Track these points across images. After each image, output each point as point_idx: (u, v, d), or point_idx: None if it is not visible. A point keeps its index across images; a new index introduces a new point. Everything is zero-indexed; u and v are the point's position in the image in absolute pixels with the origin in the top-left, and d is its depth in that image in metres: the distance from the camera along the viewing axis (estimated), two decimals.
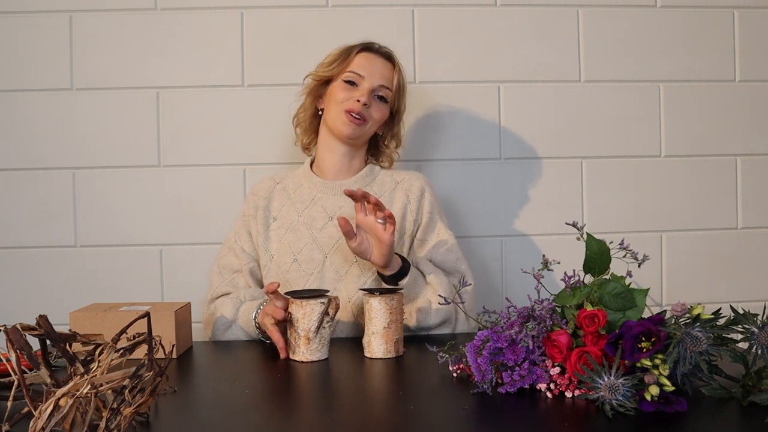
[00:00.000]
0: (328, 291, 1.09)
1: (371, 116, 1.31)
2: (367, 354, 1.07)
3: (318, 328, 1.03)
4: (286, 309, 1.08)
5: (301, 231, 1.31)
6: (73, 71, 1.53)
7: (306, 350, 1.04)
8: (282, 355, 1.06)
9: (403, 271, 1.20)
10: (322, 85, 1.35)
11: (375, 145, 1.42)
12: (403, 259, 1.21)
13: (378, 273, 1.22)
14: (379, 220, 1.12)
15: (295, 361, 1.04)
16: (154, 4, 1.54)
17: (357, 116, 1.28)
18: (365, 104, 1.28)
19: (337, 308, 1.07)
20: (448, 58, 1.58)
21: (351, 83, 1.30)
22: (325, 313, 1.04)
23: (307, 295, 1.05)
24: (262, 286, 1.35)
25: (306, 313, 1.03)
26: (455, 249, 1.32)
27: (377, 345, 1.05)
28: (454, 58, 1.58)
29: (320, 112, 1.37)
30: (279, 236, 1.32)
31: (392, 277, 1.19)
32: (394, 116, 1.38)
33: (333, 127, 1.32)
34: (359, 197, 1.11)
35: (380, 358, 1.05)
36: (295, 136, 1.45)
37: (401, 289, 1.13)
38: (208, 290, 1.36)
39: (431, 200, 1.36)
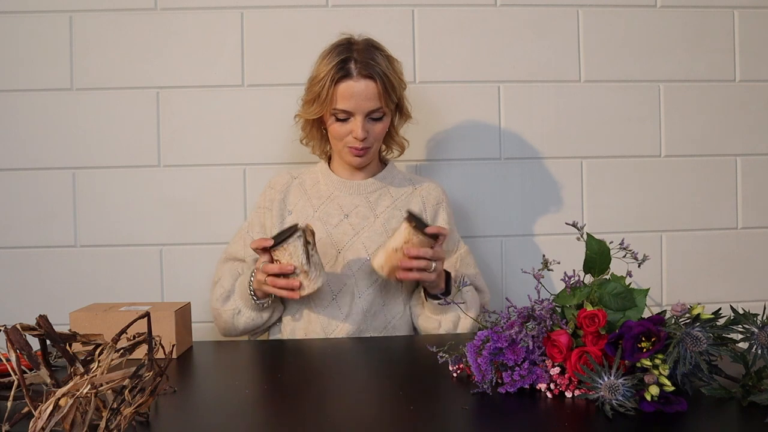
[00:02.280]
0: (296, 224, 1.14)
1: (374, 138, 1.29)
2: (370, 260, 1.17)
3: (308, 258, 1.10)
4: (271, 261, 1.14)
5: (316, 226, 1.31)
6: (73, 71, 1.53)
7: (309, 283, 1.11)
8: (296, 296, 1.12)
9: (447, 291, 1.24)
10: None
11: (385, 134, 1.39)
12: (447, 277, 1.23)
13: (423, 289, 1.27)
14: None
15: (302, 303, 1.16)
16: (154, 4, 1.54)
17: (360, 149, 1.28)
18: (364, 138, 1.26)
19: (313, 234, 1.13)
20: (448, 58, 1.58)
21: (342, 119, 1.26)
22: (306, 242, 1.10)
23: (283, 238, 1.11)
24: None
25: (292, 253, 1.10)
26: (474, 264, 1.37)
27: (378, 257, 1.14)
28: (454, 58, 1.58)
29: (324, 130, 1.36)
30: None
31: (434, 296, 1.24)
32: (397, 105, 1.32)
33: (340, 158, 1.34)
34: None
35: (373, 270, 1.17)
36: (297, 135, 1.45)
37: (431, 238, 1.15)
38: (214, 277, 1.38)
39: (449, 212, 1.39)
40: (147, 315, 0.78)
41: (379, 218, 1.32)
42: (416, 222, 1.13)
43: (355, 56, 1.23)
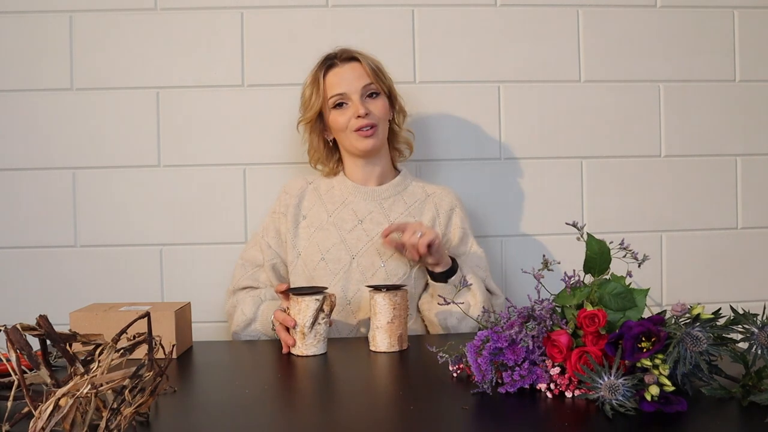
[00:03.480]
0: (326, 288, 1.13)
1: (377, 116, 1.31)
2: (372, 348, 1.10)
3: (313, 323, 1.07)
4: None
5: (330, 231, 1.32)
6: (73, 71, 1.53)
7: (301, 344, 1.08)
8: (284, 350, 1.10)
9: (452, 270, 1.25)
10: (317, 121, 1.36)
11: (390, 134, 1.41)
12: (452, 258, 1.26)
13: (428, 270, 1.27)
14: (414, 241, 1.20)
15: (293, 355, 1.08)
16: (154, 4, 1.54)
17: (367, 128, 1.29)
18: (366, 114, 1.29)
19: (332, 306, 1.10)
20: (448, 58, 1.58)
21: (341, 105, 1.31)
22: (320, 309, 1.08)
23: (304, 292, 1.09)
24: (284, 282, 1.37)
25: (301, 309, 1.07)
26: (485, 266, 1.37)
27: (381, 339, 1.09)
28: (454, 58, 1.58)
29: (331, 143, 1.39)
30: (308, 234, 1.34)
31: (442, 275, 1.25)
32: (389, 93, 1.37)
33: (353, 149, 1.35)
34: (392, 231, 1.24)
35: (384, 352, 1.08)
36: (299, 137, 1.45)
37: (405, 286, 1.15)
38: (231, 281, 1.40)
39: (462, 216, 1.39)
40: (147, 315, 0.78)
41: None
42: (382, 287, 1.11)
43: (336, 53, 1.33)
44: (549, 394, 0.81)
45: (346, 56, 1.32)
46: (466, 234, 1.37)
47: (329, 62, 1.32)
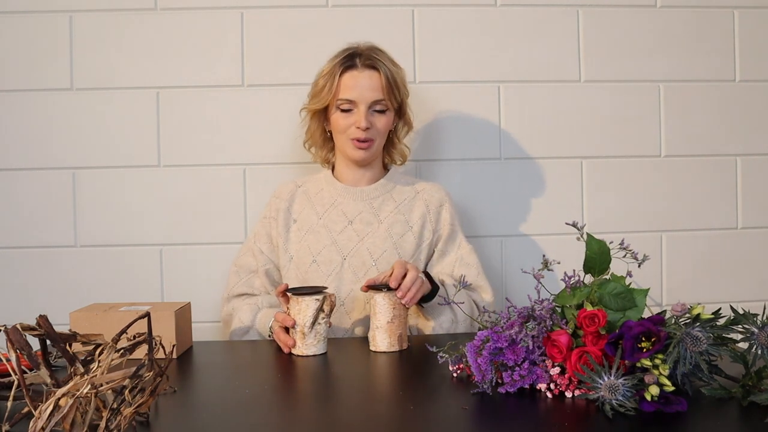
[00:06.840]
0: (326, 288, 1.13)
1: (377, 132, 1.30)
2: (372, 348, 1.10)
3: (313, 323, 1.07)
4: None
5: (320, 233, 1.32)
6: (73, 71, 1.53)
7: (302, 344, 1.07)
8: (285, 351, 1.10)
9: (432, 293, 1.22)
10: (321, 111, 1.34)
11: (387, 140, 1.40)
12: (432, 281, 1.22)
13: None
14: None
15: (293, 354, 1.08)
16: (154, 4, 1.54)
17: (363, 141, 1.29)
18: (367, 128, 1.28)
19: (332, 305, 1.10)
20: (448, 58, 1.58)
21: (347, 110, 1.29)
22: (320, 309, 1.07)
23: (304, 292, 1.09)
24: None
25: (301, 309, 1.07)
26: (476, 263, 1.35)
27: (381, 339, 1.09)
28: (454, 58, 1.58)
29: (329, 133, 1.38)
30: (299, 238, 1.33)
31: (421, 299, 1.21)
32: (400, 107, 1.35)
33: (344, 153, 1.34)
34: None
35: (384, 352, 1.08)
36: (298, 136, 1.46)
37: None
38: (225, 288, 1.39)
39: (452, 212, 1.38)
40: (147, 315, 0.78)
41: (383, 223, 1.32)
42: (382, 287, 1.11)
43: (360, 52, 1.29)
44: (549, 394, 0.81)
45: (369, 63, 1.28)
46: (455, 230, 1.37)
47: (350, 62, 1.28)
